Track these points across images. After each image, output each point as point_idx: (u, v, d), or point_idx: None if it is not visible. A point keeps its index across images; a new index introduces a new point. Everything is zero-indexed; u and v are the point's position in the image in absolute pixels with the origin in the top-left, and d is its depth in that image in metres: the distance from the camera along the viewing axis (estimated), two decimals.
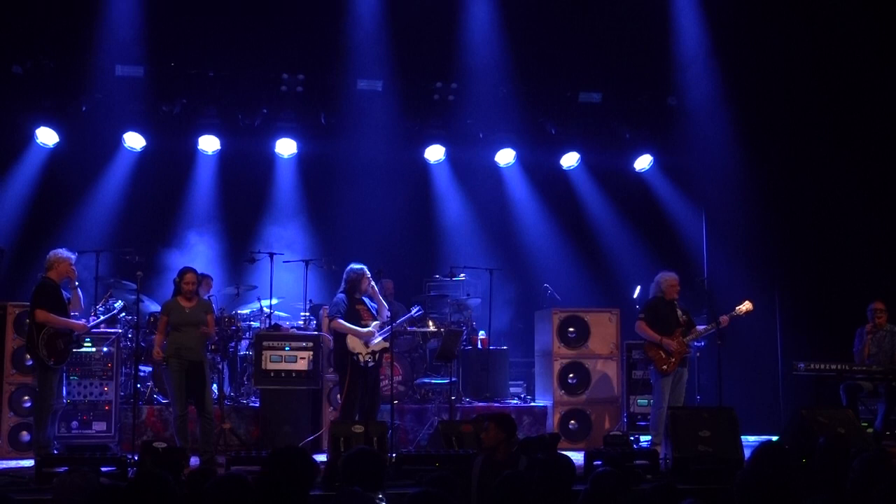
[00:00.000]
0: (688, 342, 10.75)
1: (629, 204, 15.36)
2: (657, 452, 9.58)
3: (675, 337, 10.67)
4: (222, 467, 8.90)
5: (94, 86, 13.33)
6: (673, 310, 10.84)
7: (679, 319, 10.79)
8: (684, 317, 10.83)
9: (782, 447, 6.39)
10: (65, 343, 9.67)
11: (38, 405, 9.62)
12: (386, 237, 13.97)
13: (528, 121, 14.74)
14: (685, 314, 10.87)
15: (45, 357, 9.44)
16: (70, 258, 9.88)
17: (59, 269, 9.78)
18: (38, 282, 9.78)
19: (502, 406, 12.34)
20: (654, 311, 10.88)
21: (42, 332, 9.47)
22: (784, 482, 4.87)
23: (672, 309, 10.85)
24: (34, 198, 13.66)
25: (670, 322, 10.78)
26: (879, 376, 11.47)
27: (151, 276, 12.55)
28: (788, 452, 6.35)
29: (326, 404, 11.50)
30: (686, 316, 10.86)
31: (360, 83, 14.06)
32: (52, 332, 9.53)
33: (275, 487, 4.85)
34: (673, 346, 10.63)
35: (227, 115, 14.10)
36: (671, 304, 10.87)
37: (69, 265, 9.84)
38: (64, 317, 9.71)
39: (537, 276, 14.65)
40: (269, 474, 4.98)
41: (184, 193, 14.36)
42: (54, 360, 9.53)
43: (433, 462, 8.84)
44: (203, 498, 5.20)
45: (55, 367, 9.59)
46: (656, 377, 10.75)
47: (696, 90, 14.30)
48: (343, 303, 10.52)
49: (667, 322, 10.78)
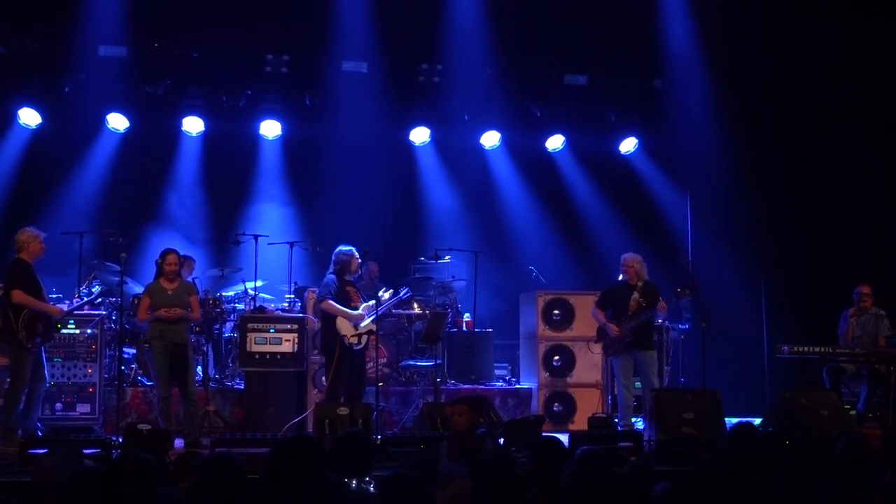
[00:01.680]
0: (630, 328, 10.70)
1: (614, 186, 15.36)
2: (641, 434, 9.61)
3: (622, 323, 10.71)
4: (206, 449, 8.87)
5: (78, 66, 13.24)
6: (629, 294, 10.82)
7: (630, 304, 10.76)
8: (641, 300, 10.72)
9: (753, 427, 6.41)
10: (44, 326, 9.62)
11: (12, 387, 9.51)
12: (371, 219, 13.93)
13: (514, 103, 14.71)
14: (645, 297, 10.72)
15: (23, 339, 9.38)
16: (40, 236, 9.79)
17: (31, 249, 9.68)
18: (12, 263, 9.65)
19: (487, 388, 12.36)
20: (608, 294, 11.06)
21: (22, 314, 9.40)
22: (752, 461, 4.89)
23: (629, 293, 10.82)
24: (17, 179, 13.56)
25: (621, 307, 10.80)
26: (862, 359, 11.52)
27: (135, 258, 12.50)
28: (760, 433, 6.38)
29: (311, 386, 11.49)
30: (645, 299, 10.71)
31: (345, 65, 14.01)
32: (32, 314, 9.47)
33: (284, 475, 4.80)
34: (614, 331, 10.71)
35: (212, 96, 14.03)
36: (631, 288, 10.86)
37: (40, 244, 9.76)
38: (40, 300, 9.65)
39: (522, 258, 14.67)
40: (278, 462, 4.93)
41: (168, 175, 14.27)
42: (32, 343, 9.47)
43: (418, 444, 8.85)
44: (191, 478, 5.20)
45: (32, 349, 9.53)
46: (613, 360, 10.98)
47: (682, 73, 14.31)
48: (333, 284, 10.50)
49: (619, 306, 10.83)
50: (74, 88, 13.40)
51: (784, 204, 13.93)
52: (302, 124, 14.50)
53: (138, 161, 14.04)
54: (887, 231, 13.45)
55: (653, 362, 10.88)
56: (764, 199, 14.02)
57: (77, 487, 4.50)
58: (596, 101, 14.92)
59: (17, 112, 13.45)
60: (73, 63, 13.20)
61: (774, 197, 13.99)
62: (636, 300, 10.73)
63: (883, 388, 11.42)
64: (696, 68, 14.10)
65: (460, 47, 13.87)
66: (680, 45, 14.17)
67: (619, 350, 10.78)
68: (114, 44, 13.21)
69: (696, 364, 11.37)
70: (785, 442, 7.76)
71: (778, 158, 13.93)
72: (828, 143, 13.59)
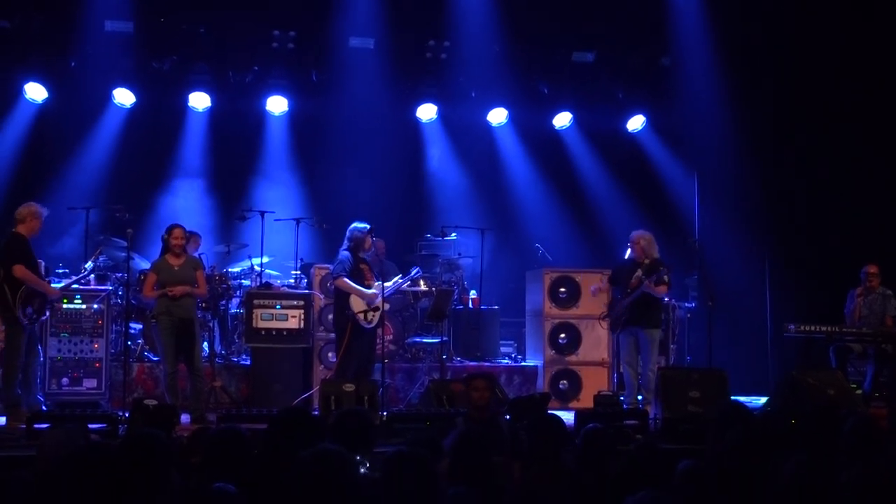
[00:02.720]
0: (626, 304, 10.76)
1: (622, 164, 15.31)
2: (647, 412, 9.62)
3: (620, 299, 10.85)
4: (213, 425, 8.90)
5: (84, 41, 13.17)
6: (633, 271, 10.86)
7: (632, 281, 10.80)
8: (642, 277, 10.73)
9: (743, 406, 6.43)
10: (40, 304, 9.61)
11: (7, 363, 9.49)
12: (377, 196, 13.92)
13: (521, 80, 14.64)
14: (647, 274, 10.71)
15: (20, 315, 9.37)
16: (43, 214, 9.73)
17: (30, 225, 9.60)
18: (9, 236, 9.56)
19: (492, 366, 12.36)
20: (616, 272, 11.24)
21: (20, 290, 9.36)
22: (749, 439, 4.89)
23: (633, 270, 10.87)
24: (23, 154, 13.53)
25: (625, 283, 10.90)
26: (869, 338, 11.52)
27: (141, 234, 12.51)
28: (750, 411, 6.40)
29: (317, 363, 11.51)
30: (647, 276, 10.71)
31: (352, 41, 13.94)
32: (29, 290, 9.43)
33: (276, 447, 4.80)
34: (612, 307, 10.95)
35: (218, 71, 13.98)
36: (635, 266, 10.90)
37: (41, 220, 9.69)
38: (36, 275, 9.61)
39: (529, 235, 14.63)
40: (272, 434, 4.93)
41: (174, 151, 14.25)
42: (28, 320, 9.46)
43: (423, 421, 8.87)
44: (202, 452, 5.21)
45: (28, 326, 9.52)
46: (615, 336, 11.16)
47: (690, 50, 14.22)
48: (349, 261, 10.42)
49: (623, 283, 10.96)
50: (80, 63, 13.35)
51: (791, 182, 13.86)
52: (308, 100, 14.44)
53: (144, 136, 14.02)
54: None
55: (654, 341, 10.84)
56: (771, 177, 13.95)
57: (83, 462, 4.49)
58: (604, 79, 14.85)
59: (23, 87, 13.39)
60: (79, 38, 13.13)
61: (782, 175, 13.91)
62: (638, 277, 10.76)
63: (889, 367, 11.44)
64: (705, 46, 14.01)
65: (468, 24, 13.81)
66: (688, 22, 14.08)
67: (617, 326, 10.88)
68: (120, 18, 13.15)
69: (702, 342, 11.36)
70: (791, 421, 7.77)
71: (786, 136, 13.86)
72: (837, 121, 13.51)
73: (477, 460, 4.93)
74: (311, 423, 5.19)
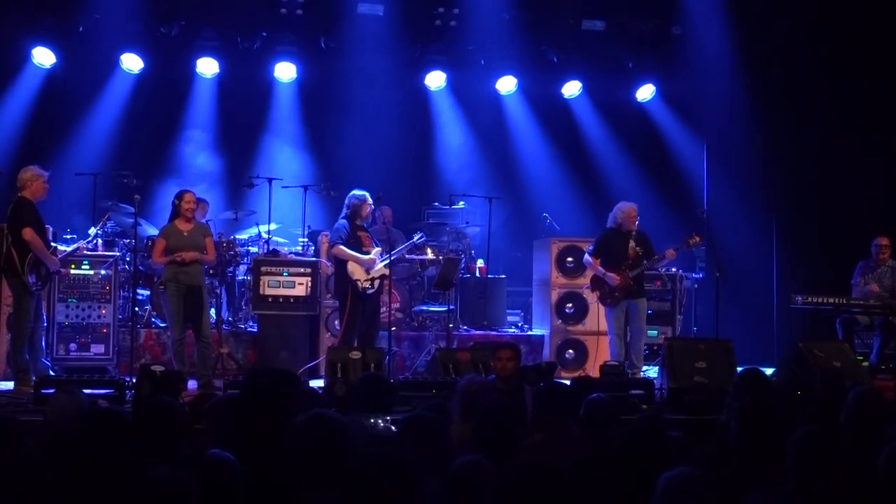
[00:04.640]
0: (632, 276, 10.75)
1: (630, 134, 15.25)
2: (653, 383, 9.62)
3: (623, 271, 10.74)
4: (220, 391, 8.94)
5: (92, 6, 13.12)
6: (625, 242, 10.84)
7: (629, 252, 10.78)
8: (637, 249, 10.77)
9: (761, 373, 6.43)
10: (46, 272, 9.62)
11: (16, 329, 9.53)
12: (385, 164, 13.88)
13: (531, 48, 14.57)
14: (640, 246, 10.78)
15: (28, 281, 9.37)
16: (44, 175, 9.64)
17: (33, 188, 9.50)
18: (16, 201, 9.49)
19: (499, 335, 12.37)
20: (604, 243, 11.04)
21: (29, 256, 9.35)
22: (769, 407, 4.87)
23: (625, 241, 10.85)
24: (30, 119, 13.49)
25: (619, 255, 10.82)
26: (876, 310, 11.50)
27: (149, 200, 12.51)
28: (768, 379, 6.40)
29: (324, 330, 11.53)
30: (640, 248, 10.78)
31: (361, 7, 13.85)
32: (36, 258, 9.42)
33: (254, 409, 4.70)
34: (615, 280, 10.77)
35: (226, 37, 13.92)
36: (626, 236, 10.87)
37: (44, 183, 9.60)
38: (44, 240, 9.58)
39: (536, 205, 14.60)
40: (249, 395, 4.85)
41: (182, 117, 14.22)
42: (35, 287, 9.46)
43: (430, 389, 8.90)
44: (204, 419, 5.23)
45: (36, 291, 9.53)
46: (606, 309, 10.98)
47: (701, 19, 14.11)
48: (345, 229, 10.48)
49: (616, 255, 10.86)
50: (88, 28, 13.30)
51: (801, 153, 13.79)
52: (317, 67, 14.40)
53: (152, 102, 13.99)
54: None
55: (644, 310, 10.99)
56: (780, 147, 13.88)
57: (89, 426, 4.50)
58: (613, 48, 14.75)
59: (31, 51, 13.35)
60: (87, 2, 13.10)
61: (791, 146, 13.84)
62: (633, 248, 10.76)
63: None
64: (716, 15, 13.91)
65: None
66: None
67: (620, 298, 10.84)
68: None
69: (709, 313, 11.37)
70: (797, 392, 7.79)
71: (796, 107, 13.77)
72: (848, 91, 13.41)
73: (503, 431, 4.95)
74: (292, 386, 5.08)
